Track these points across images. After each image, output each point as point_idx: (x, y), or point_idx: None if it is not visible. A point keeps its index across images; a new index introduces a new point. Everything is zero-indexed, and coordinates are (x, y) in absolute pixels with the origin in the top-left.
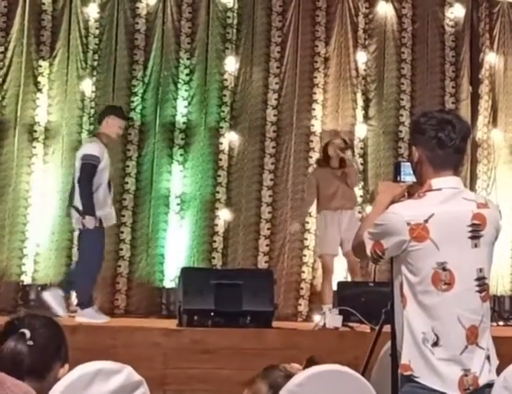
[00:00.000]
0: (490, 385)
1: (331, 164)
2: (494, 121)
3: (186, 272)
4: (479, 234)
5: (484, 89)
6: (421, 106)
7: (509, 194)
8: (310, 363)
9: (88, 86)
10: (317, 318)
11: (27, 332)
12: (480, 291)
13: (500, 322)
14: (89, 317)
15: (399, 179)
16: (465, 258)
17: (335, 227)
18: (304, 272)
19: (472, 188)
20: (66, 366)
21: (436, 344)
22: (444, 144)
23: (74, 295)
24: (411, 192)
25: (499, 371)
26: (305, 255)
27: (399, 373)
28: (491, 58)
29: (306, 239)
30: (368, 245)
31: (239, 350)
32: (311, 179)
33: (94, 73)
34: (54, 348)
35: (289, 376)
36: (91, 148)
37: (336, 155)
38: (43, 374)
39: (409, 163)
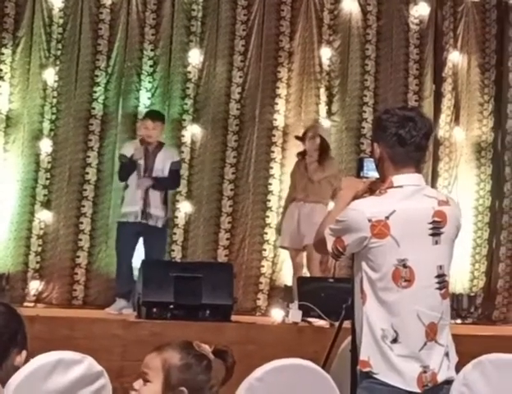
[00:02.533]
0: (448, 381)
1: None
2: (456, 119)
3: (146, 265)
4: (440, 231)
5: (447, 87)
6: (384, 103)
7: (470, 192)
8: (218, 353)
9: (50, 75)
10: (275, 312)
11: None
12: (440, 288)
13: (458, 321)
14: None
15: (362, 174)
16: (425, 255)
17: (293, 220)
18: (263, 266)
19: (433, 186)
20: (24, 353)
21: (395, 340)
22: (404, 141)
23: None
24: (373, 188)
25: (457, 369)
26: (265, 250)
27: (357, 369)
28: (455, 57)
29: (266, 233)
30: (329, 242)
31: None
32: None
33: (57, 62)
34: (9, 335)
35: (200, 356)
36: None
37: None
38: None
39: (372, 159)
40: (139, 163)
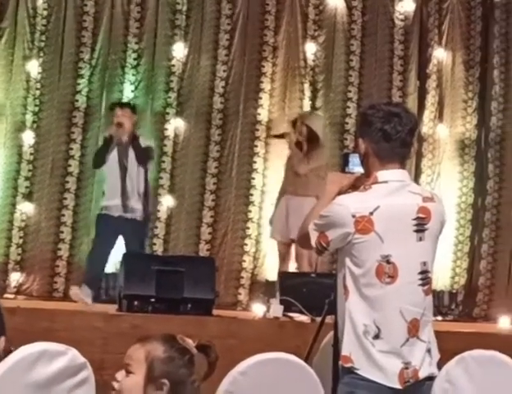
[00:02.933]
0: (430, 378)
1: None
2: (440, 116)
3: (128, 258)
4: (424, 227)
5: (431, 84)
6: (368, 98)
7: (452, 189)
8: (201, 347)
9: (34, 67)
10: (256, 307)
11: None
12: (423, 285)
13: (439, 317)
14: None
15: (347, 170)
16: (409, 252)
17: (282, 212)
18: (245, 261)
19: (416, 182)
20: (2, 339)
21: (377, 336)
22: (389, 137)
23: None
24: (357, 184)
25: (439, 365)
26: (247, 244)
27: (339, 364)
28: (439, 54)
29: (248, 228)
30: (313, 237)
31: None
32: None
33: (41, 54)
34: None
35: (183, 349)
36: None
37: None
38: None
39: (357, 154)
40: (114, 155)
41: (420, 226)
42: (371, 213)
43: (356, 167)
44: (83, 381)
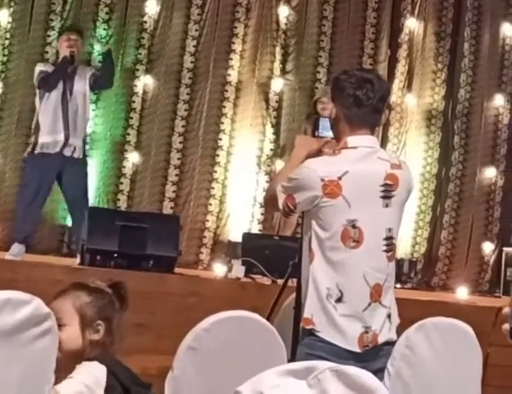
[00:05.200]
0: (389, 343)
1: None
2: (409, 85)
3: (93, 212)
4: (391, 194)
5: (402, 53)
6: (339, 65)
7: (417, 159)
8: (113, 286)
9: (4, 16)
10: (217, 267)
11: None
12: (387, 251)
13: (398, 285)
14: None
15: (317, 134)
16: (375, 217)
17: None
18: (208, 220)
19: None
20: None
21: (339, 300)
22: (361, 103)
23: None
24: (325, 149)
25: (398, 332)
26: (211, 204)
27: (300, 326)
28: (412, 23)
29: (213, 188)
30: (281, 199)
31: (139, 293)
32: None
33: (12, 4)
34: None
35: (101, 291)
36: None
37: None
38: None
39: (327, 119)
40: (58, 87)
41: (387, 192)
42: (339, 178)
43: (326, 131)
44: (47, 330)
